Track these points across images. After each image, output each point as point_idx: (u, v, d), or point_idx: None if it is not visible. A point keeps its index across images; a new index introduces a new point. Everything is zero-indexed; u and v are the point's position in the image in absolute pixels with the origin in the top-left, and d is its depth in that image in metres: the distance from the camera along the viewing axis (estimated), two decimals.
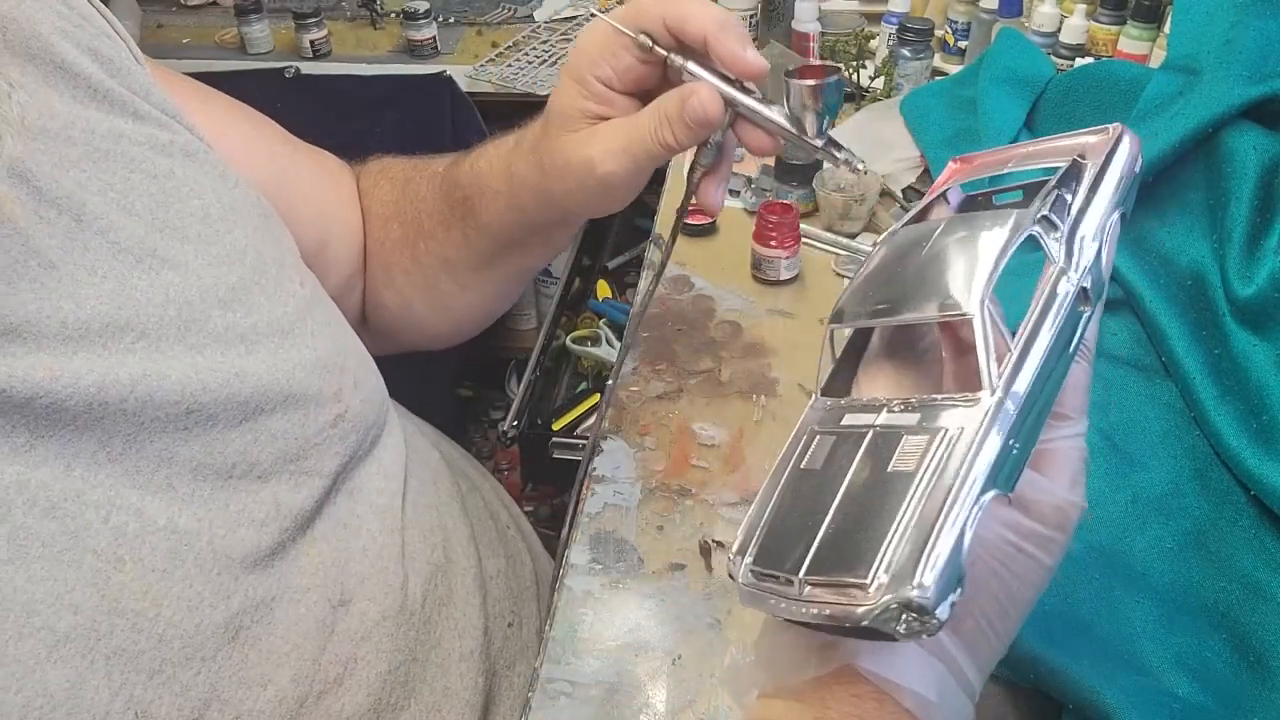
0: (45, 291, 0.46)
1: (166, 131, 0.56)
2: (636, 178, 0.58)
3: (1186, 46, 0.81)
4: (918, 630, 0.30)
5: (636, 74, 0.56)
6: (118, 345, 0.48)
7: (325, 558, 0.56)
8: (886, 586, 0.30)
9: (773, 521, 0.36)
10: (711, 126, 0.54)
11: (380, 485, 0.62)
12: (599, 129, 0.57)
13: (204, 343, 0.52)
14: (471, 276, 0.72)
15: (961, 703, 0.36)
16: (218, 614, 0.49)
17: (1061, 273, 0.37)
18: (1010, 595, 0.36)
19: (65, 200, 0.48)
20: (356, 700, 0.56)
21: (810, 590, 0.33)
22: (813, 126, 0.53)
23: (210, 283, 0.53)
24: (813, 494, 0.35)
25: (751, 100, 0.54)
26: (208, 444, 0.51)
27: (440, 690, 0.62)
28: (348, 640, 0.57)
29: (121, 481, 0.47)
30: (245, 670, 0.51)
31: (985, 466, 0.32)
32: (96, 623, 0.44)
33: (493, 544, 0.74)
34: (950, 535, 0.31)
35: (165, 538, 0.48)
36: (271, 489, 0.54)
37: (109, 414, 0.46)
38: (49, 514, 0.44)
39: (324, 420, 0.57)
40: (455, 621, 0.65)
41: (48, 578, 0.43)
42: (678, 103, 0.54)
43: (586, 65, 0.56)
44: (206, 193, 0.56)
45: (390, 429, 0.66)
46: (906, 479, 0.33)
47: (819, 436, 0.38)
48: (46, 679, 0.41)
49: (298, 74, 1.71)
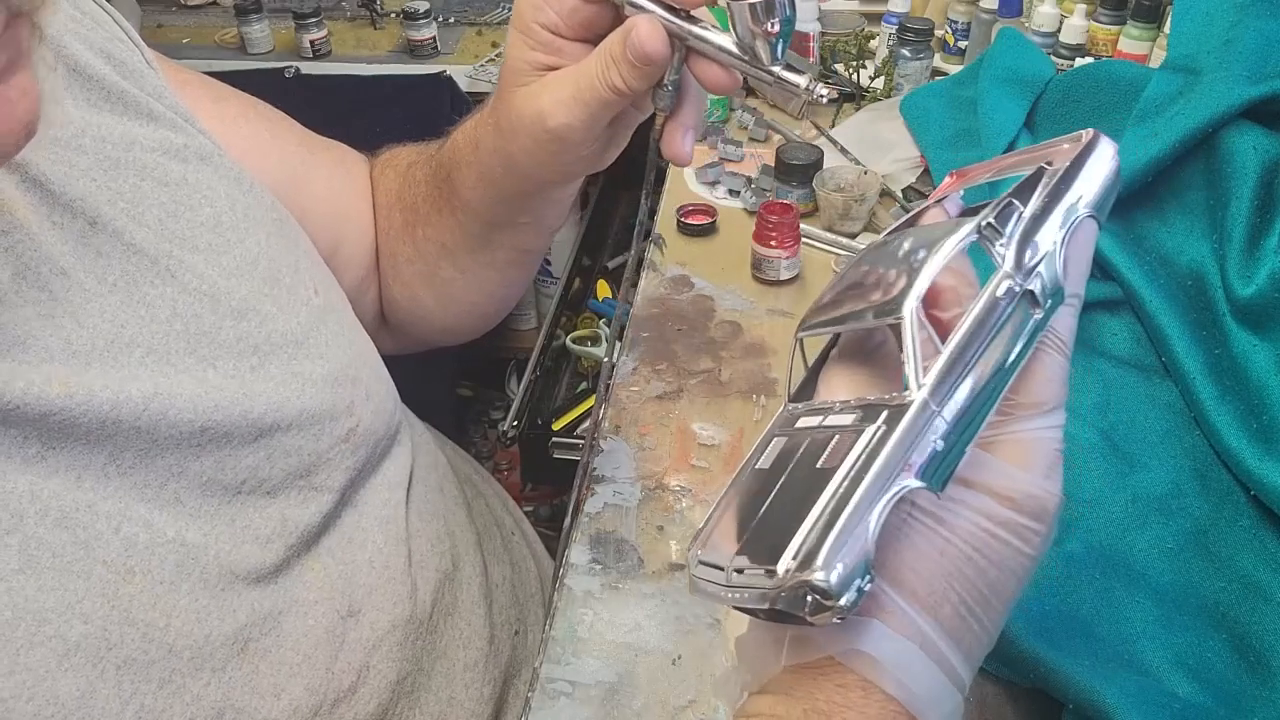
0: (56, 301, 0.46)
1: (181, 135, 0.56)
2: (591, 128, 0.53)
3: (1186, 46, 0.81)
4: (825, 611, 0.32)
5: (583, 16, 0.52)
6: (128, 359, 0.47)
7: (331, 571, 0.56)
8: (793, 571, 0.32)
9: (721, 518, 0.38)
10: (656, 63, 0.48)
11: (385, 497, 0.62)
12: (549, 79, 0.53)
13: (216, 355, 0.51)
14: (469, 260, 0.70)
15: (947, 691, 0.36)
16: (226, 626, 0.49)
17: (1006, 277, 0.37)
18: (990, 584, 0.36)
19: (79, 204, 0.48)
20: (368, 709, 0.56)
21: (736, 577, 0.35)
22: (766, 53, 0.47)
23: (222, 293, 0.53)
24: (757, 491, 0.37)
25: (699, 29, 0.49)
26: (219, 460, 0.50)
27: (445, 700, 0.62)
28: (360, 649, 0.56)
29: (131, 495, 0.47)
30: (257, 680, 0.50)
31: (897, 460, 0.34)
32: (107, 632, 0.44)
33: (497, 550, 0.74)
34: (854, 523, 0.32)
35: (173, 550, 0.48)
36: (279, 505, 0.54)
37: (121, 430, 0.46)
38: (60, 524, 0.43)
39: (336, 435, 0.57)
40: (460, 631, 0.65)
41: (58, 587, 0.43)
42: (620, 41, 0.49)
43: (530, 10, 0.52)
44: (220, 199, 0.56)
45: (400, 439, 0.66)
46: (830, 474, 0.34)
47: (775, 439, 0.40)
48: (57, 688, 0.41)
49: (298, 74, 1.71)
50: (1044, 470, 0.38)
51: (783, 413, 0.42)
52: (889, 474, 0.34)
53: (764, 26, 0.46)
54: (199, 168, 0.56)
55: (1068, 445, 0.66)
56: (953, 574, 0.36)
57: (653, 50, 0.48)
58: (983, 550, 0.36)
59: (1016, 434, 0.38)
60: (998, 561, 0.36)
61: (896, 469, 0.34)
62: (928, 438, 0.34)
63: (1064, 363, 0.39)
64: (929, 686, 0.35)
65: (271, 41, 1.77)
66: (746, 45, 0.48)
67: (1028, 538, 0.37)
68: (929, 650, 0.35)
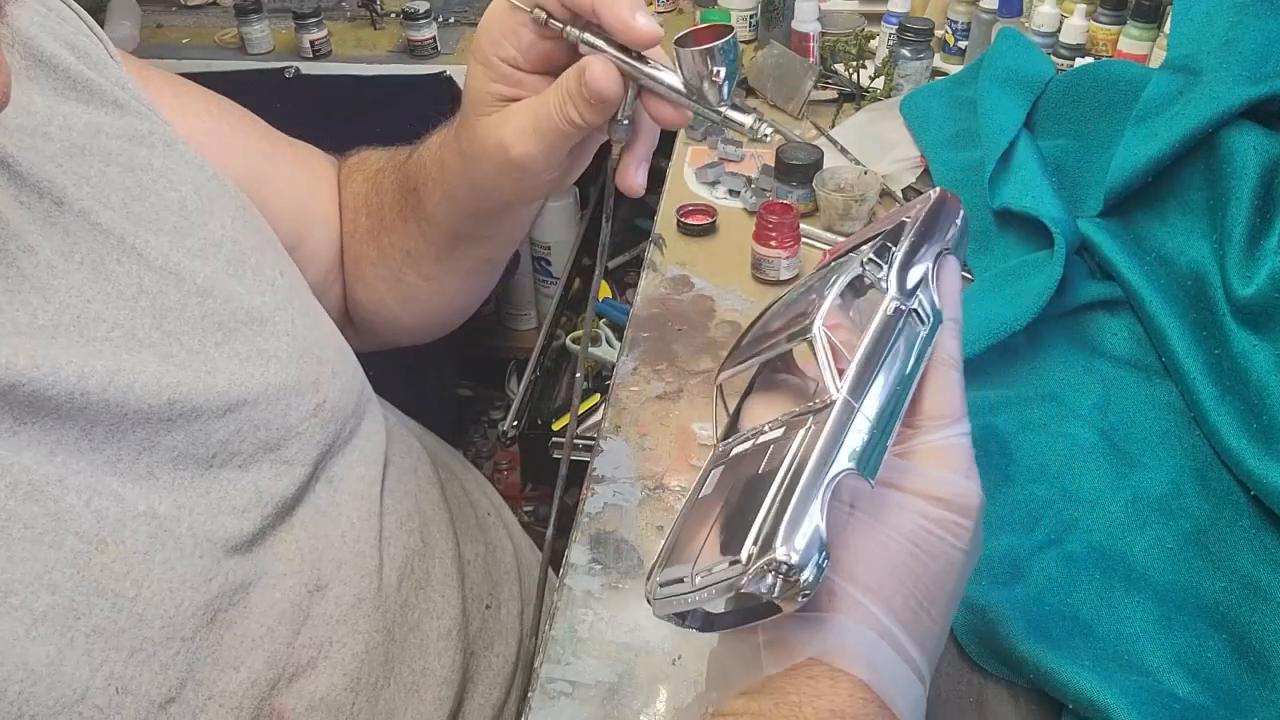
0: (24, 277, 0.46)
1: (145, 122, 0.57)
2: (551, 158, 0.54)
3: (1186, 46, 0.81)
4: (791, 588, 0.35)
5: (541, 51, 0.53)
6: (94, 334, 0.48)
7: (303, 544, 0.57)
8: (755, 555, 0.36)
9: (673, 544, 0.41)
10: (609, 101, 0.50)
11: (360, 473, 0.63)
12: (510, 110, 0.54)
13: (181, 330, 0.52)
14: (433, 268, 0.71)
15: (909, 678, 0.38)
16: (199, 596, 0.50)
17: (892, 299, 0.44)
18: (933, 577, 0.39)
19: (46, 185, 0.49)
20: (332, 681, 0.57)
21: (700, 579, 0.38)
22: (714, 94, 0.49)
23: (187, 273, 0.54)
24: (706, 513, 0.41)
25: (648, 69, 0.50)
26: (190, 434, 0.51)
27: (419, 670, 0.63)
28: (323, 624, 0.57)
29: (103, 469, 0.48)
30: (220, 652, 0.51)
31: (830, 449, 0.38)
32: (75, 602, 0.45)
33: (471, 530, 0.75)
34: (803, 507, 0.36)
35: (145, 522, 0.48)
36: (252, 477, 0.55)
37: (90, 404, 0.47)
38: (30, 497, 0.44)
39: (304, 410, 0.58)
40: (433, 603, 0.66)
41: (28, 558, 0.44)
42: (576, 78, 0.50)
43: (490, 45, 0.53)
44: (185, 184, 0.57)
45: (371, 418, 0.67)
46: (772, 474, 0.38)
47: (713, 470, 0.44)
48: (27, 654, 0.42)
49: (298, 74, 1.71)
50: (964, 471, 0.41)
51: (715, 453, 0.45)
52: (825, 462, 0.38)
53: (709, 70, 0.48)
54: (165, 153, 0.57)
55: (1068, 445, 0.67)
56: (898, 568, 0.39)
57: (605, 89, 0.49)
58: (921, 546, 0.39)
59: (932, 443, 0.42)
60: (936, 555, 0.39)
61: (831, 457, 0.38)
62: (853, 430, 0.39)
63: (959, 377, 0.44)
64: (893, 670, 0.38)
65: (271, 41, 1.77)
66: (694, 87, 0.50)
67: (959, 533, 0.40)
68: (887, 638, 0.38)
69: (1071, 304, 0.76)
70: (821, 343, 0.42)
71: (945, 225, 0.49)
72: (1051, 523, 0.62)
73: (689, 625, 0.41)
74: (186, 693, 0.49)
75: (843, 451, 0.38)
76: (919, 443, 0.42)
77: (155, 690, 0.47)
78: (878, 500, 0.40)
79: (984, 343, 0.71)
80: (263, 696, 0.53)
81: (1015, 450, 0.67)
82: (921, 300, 0.45)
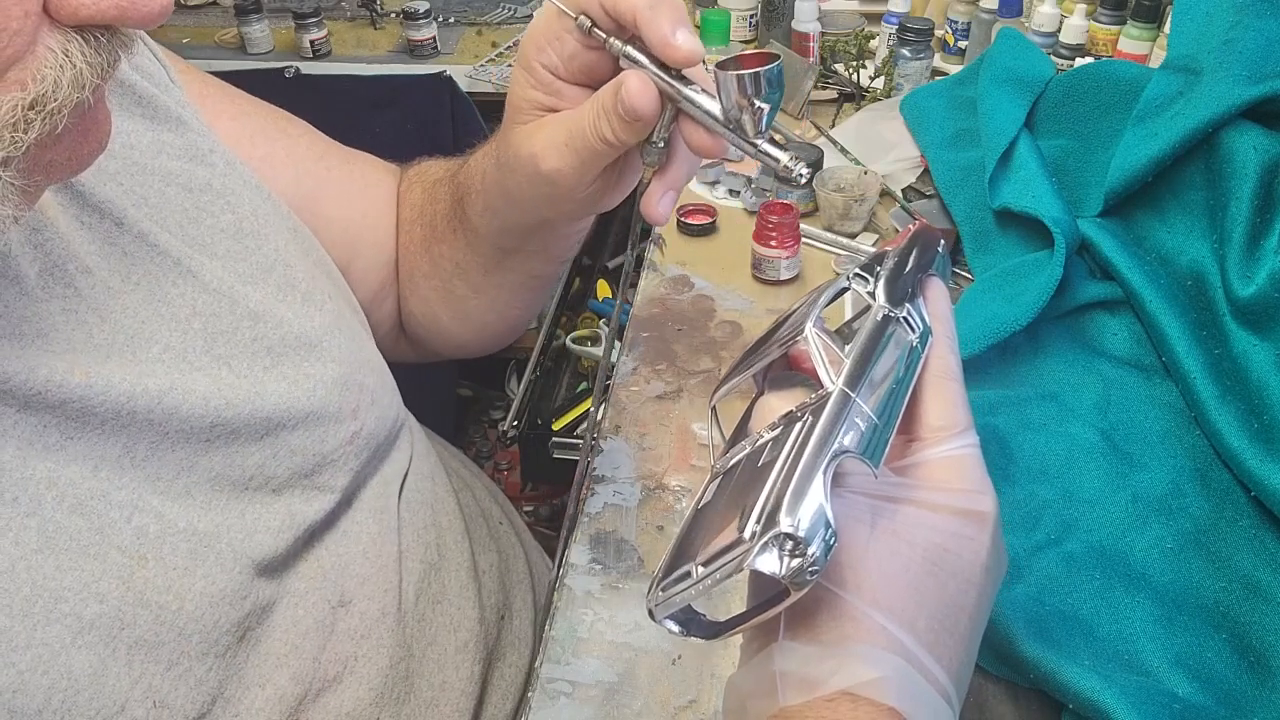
0: (80, 297, 0.47)
1: (207, 139, 0.57)
2: (583, 175, 0.52)
3: (1186, 46, 0.81)
4: (799, 567, 0.34)
5: (583, 62, 0.51)
6: (147, 354, 0.49)
7: (325, 563, 0.57)
8: (760, 532, 0.35)
9: (675, 553, 0.41)
10: (644, 119, 0.48)
11: (380, 490, 0.63)
12: (545, 121, 0.53)
13: (232, 353, 0.52)
14: (481, 280, 0.71)
15: (935, 702, 0.37)
16: (235, 612, 0.50)
17: (880, 307, 0.45)
18: (952, 596, 0.38)
19: (107, 205, 0.50)
20: (358, 695, 0.57)
21: (703, 569, 0.37)
22: (751, 125, 0.47)
23: (240, 297, 0.54)
24: (706, 519, 0.41)
25: (689, 91, 0.48)
26: (228, 456, 0.51)
27: (438, 684, 0.63)
28: (348, 639, 0.57)
29: (144, 486, 0.48)
30: (246, 670, 0.51)
31: (829, 432, 0.38)
32: (121, 612, 0.45)
33: (484, 539, 0.75)
34: (805, 482, 0.35)
35: (185, 539, 0.49)
36: (285, 501, 0.55)
37: (136, 421, 0.47)
38: (76, 510, 0.45)
39: (341, 438, 0.58)
40: (450, 617, 0.66)
41: (75, 568, 0.44)
42: (613, 92, 0.48)
43: (533, 51, 0.52)
44: (242, 205, 0.57)
45: (399, 443, 0.66)
46: (772, 464, 0.38)
47: (711, 482, 0.43)
48: (71, 663, 0.42)
49: (298, 74, 1.71)
50: (977, 484, 0.40)
51: (713, 471, 0.45)
52: (825, 442, 0.37)
53: (750, 99, 0.46)
54: (225, 172, 0.57)
55: (1068, 445, 0.67)
56: (918, 588, 0.37)
57: (640, 106, 0.47)
58: (939, 563, 0.38)
59: (940, 455, 0.41)
60: (954, 572, 0.38)
61: (831, 439, 0.38)
62: (852, 418, 0.39)
63: (960, 389, 0.44)
64: (922, 697, 0.36)
65: (271, 41, 1.78)
66: (732, 115, 0.47)
67: (974, 548, 0.39)
68: (912, 661, 0.36)
69: (1071, 304, 0.76)
70: (816, 343, 0.42)
71: (928, 253, 0.50)
72: (1051, 523, 0.61)
73: (694, 634, 0.40)
74: (216, 710, 0.49)
75: (842, 435, 0.38)
76: (926, 456, 0.41)
77: (189, 705, 0.47)
78: (891, 516, 0.39)
79: (984, 342, 0.71)
80: (290, 713, 0.53)
81: (1015, 450, 0.67)
82: (910, 311, 0.45)
